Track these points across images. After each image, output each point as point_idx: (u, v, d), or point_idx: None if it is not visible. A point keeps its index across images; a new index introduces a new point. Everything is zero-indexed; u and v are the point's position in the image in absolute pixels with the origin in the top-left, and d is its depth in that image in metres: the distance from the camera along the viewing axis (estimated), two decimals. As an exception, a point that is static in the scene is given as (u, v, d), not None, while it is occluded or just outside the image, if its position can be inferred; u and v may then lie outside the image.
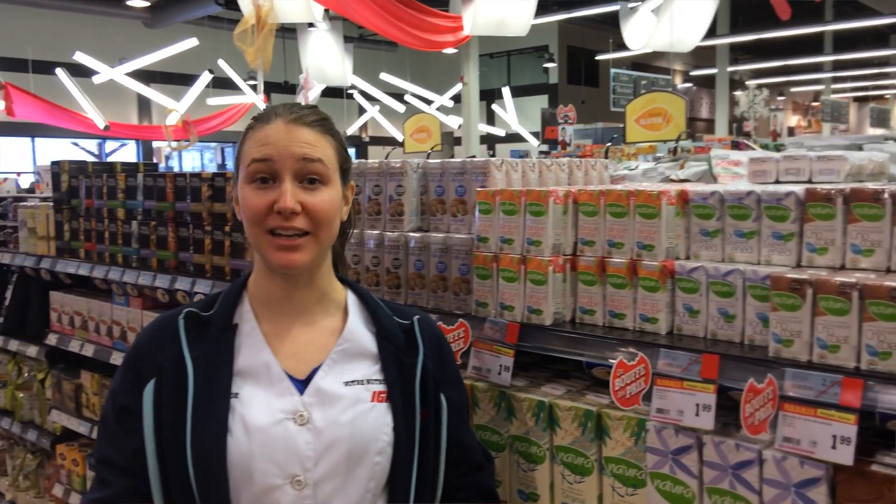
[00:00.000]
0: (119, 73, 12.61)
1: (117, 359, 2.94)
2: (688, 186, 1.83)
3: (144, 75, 14.72)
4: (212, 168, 18.19)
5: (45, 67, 14.18)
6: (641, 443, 1.55)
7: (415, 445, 1.44)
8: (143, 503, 1.39)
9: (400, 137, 10.52)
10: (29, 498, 3.64)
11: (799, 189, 1.53)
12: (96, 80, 12.55)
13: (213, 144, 19.13)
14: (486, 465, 1.63)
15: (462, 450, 1.56)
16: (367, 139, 22.03)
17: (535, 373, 1.94)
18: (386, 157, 2.15)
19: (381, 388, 1.44)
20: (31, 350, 3.46)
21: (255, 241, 1.41)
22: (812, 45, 22.26)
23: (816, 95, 26.78)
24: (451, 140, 17.50)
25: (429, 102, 16.08)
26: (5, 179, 4.08)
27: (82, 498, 1.47)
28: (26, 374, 3.68)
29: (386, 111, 16.75)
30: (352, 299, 1.54)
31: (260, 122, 1.43)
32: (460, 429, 1.57)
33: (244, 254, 2.45)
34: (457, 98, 15.88)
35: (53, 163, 3.34)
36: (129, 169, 3.14)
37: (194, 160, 18.75)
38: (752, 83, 14.95)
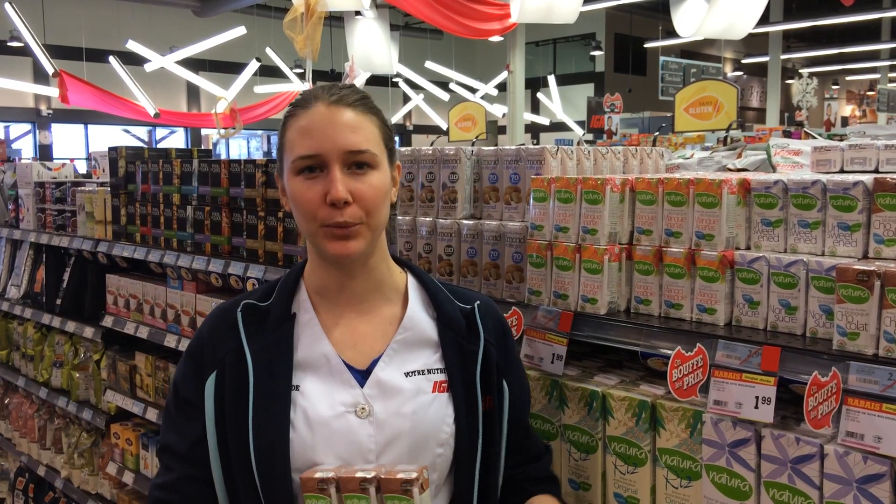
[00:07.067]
0: (169, 62, 12.83)
1: (171, 341, 3.00)
2: (749, 175, 1.79)
3: (194, 63, 14.96)
4: (257, 155, 18.40)
5: (98, 55, 14.48)
6: (697, 434, 1.53)
7: (478, 435, 1.41)
8: (204, 490, 1.40)
9: (444, 126, 10.51)
10: (83, 475, 3.73)
11: (867, 178, 1.49)
12: (147, 68, 12.80)
13: (260, 132, 19.37)
14: (545, 455, 1.62)
15: (523, 438, 1.55)
16: (411, 127, 22.09)
17: (587, 362, 1.93)
18: (430, 146, 2.14)
19: (441, 377, 1.42)
20: (88, 331, 3.54)
21: (309, 232, 1.38)
22: (869, 32, 21.63)
23: (872, 84, 26.00)
24: (495, 129, 17.45)
25: (473, 91, 16.04)
26: (64, 164, 4.15)
27: (151, 483, 1.49)
28: (82, 355, 3.76)
29: (430, 99, 16.76)
30: (412, 283, 1.50)
31: (300, 108, 1.38)
32: (522, 417, 1.55)
33: (297, 239, 2.47)
34: (501, 86, 15.83)
35: (111, 148, 3.40)
36: (184, 155, 3.18)
37: (241, 148, 19.00)
38: (805, 71, 14.57)
